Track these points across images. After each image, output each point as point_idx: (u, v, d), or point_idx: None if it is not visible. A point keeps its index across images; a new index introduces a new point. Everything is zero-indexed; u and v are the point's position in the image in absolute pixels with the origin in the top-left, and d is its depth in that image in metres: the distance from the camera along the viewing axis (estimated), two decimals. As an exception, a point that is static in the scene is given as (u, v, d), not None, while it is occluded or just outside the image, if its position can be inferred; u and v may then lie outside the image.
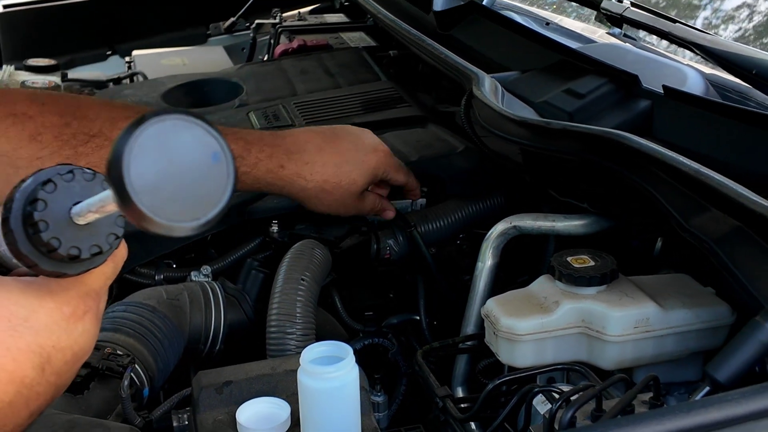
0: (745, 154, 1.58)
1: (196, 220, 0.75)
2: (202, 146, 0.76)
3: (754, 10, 1.88)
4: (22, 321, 0.95)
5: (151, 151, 0.73)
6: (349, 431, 1.20)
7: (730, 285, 1.38)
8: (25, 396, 0.96)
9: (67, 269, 0.93)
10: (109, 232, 0.92)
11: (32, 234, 0.89)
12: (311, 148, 1.75)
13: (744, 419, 1.03)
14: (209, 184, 0.76)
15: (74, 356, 0.99)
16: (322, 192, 1.76)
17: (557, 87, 1.93)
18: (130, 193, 0.71)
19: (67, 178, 0.90)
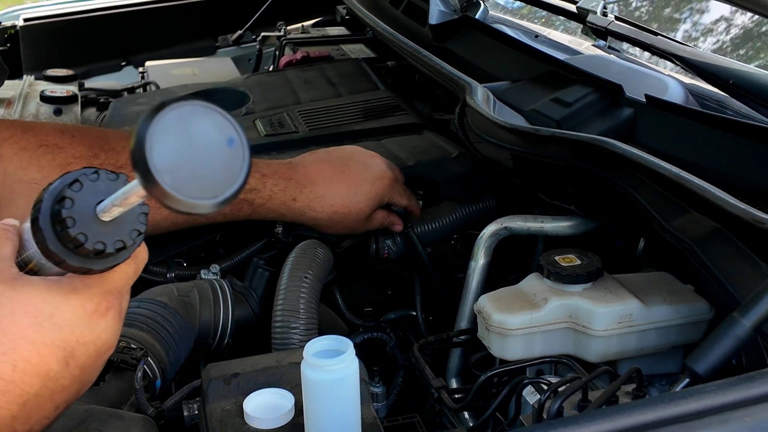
0: (722, 159, 1.58)
1: (215, 198, 0.76)
2: (219, 131, 0.77)
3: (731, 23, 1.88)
4: (47, 317, 0.95)
5: (172, 134, 0.74)
6: (349, 420, 1.20)
7: (708, 282, 1.39)
8: (51, 389, 0.96)
9: (93, 264, 0.94)
10: (132, 228, 0.93)
11: (60, 231, 0.90)
12: (322, 181, 1.76)
13: (721, 409, 1.03)
14: (226, 165, 0.77)
15: (97, 351, 1.00)
16: (331, 221, 1.77)
17: (546, 96, 1.93)
18: (153, 172, 0.72)
19: (93, 178, 0.91)
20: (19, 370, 0.93)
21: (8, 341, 0.93)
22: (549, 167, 1.71)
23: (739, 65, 1.80)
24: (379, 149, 2.05)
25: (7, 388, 0.92)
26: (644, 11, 2.30)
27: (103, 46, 3.42)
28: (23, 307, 0.95)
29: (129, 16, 3.48)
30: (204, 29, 3.55)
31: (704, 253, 1.39)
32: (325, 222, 1.77)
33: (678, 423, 1.02)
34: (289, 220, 1.77)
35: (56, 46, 3.32)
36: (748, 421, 1.02)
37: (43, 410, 0.97)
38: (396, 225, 1.88)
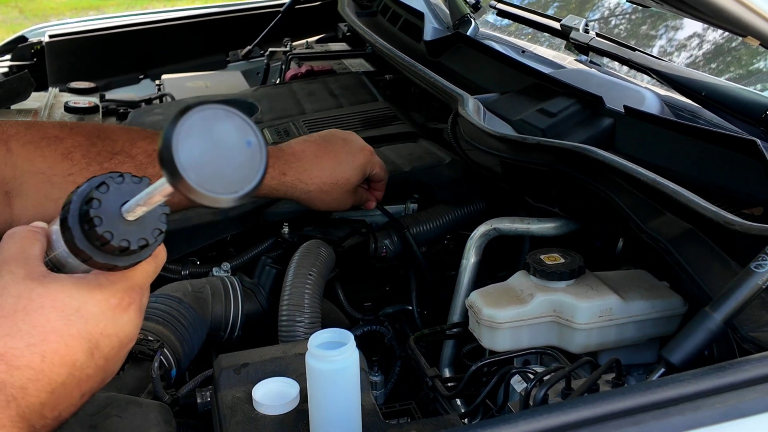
0: (695, 165, 1.58)
1: (235, 193, 0.77)
2: (238, 133, 0.78)
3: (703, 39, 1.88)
4: (73, 311, 0.95)
5: (196, 135, 0.75)
6: (350, 407, 1.20)
7: (682, 279, 1.39)
8: (77, 378, 0.96)
9: (117, 261, 0.94)
10: (154, 227, 0.93)
11: (88, 229, 0.91)
12: (308, 157, 1.76)
13: (695, 397, 1.03)
14: (245, 164, 0.78)
15: (120, 342, 1.00)
16: (321, 193, 1.76)
17: (532, 107, 1.93)
18: (179, 169, 0.73)
19: (118, 180, 0.92)
20: (47, 361, 0.93)
21: (38, 333, 0.93)
22: (535, 173, 1.71)
23: (711, 78, 1.80)
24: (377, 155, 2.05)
25: (37, 377, 0.93)
26: (623, 28, 2.30)
27: (122, 61, 3.42)
28: (51, 301, 0.95)
29: (146, 33, 3.48)
30: (216, 45, 3.55)
31: (678, 252, 1.39)
32: (315, 194, 1.76)
33: (654, 410, 1.02)
34: (281, 195, 1.76)
35: (79, 61, 3.32)
36: (720, 407, 1.03)
37: (70, 398, 0.97)
38: (370, 202, 1.89)
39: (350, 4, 3.19)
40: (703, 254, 1.37)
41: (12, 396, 0.91)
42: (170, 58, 3.48)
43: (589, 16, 2.34)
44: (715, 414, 1.02)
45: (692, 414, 1.02)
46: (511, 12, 2.55)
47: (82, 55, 3.34)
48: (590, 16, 2.39)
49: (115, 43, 3.42)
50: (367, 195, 1.88)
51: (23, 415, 0.91)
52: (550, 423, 1.00)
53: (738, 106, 1.65)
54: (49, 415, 0.95)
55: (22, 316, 0.94)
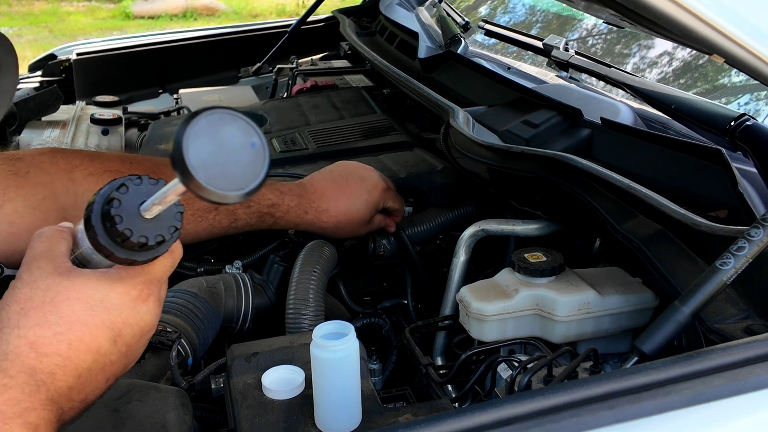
0: (666, 171, 1.58)
1: (241, 190, 0.78)
2: (243, 135, 0.79)
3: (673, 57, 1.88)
4: (97, 303, 0.96)
5: (204, 137, 0.76)
6: (351, 392, 1.20)
7: (653, 276, 1.39)
8: (101, 363, 0.97)
9: (137, 256, 0.95)
10: (170, 225, 0.94)
11: (109, 227, 0.92)
12: (327, 195, 1.77)
13: (665, 383, 1.03)
14: (250, 163, 0.79)
15: (140, 331, 1.00)
16: (337, 228, 1.78)
17: (516, 119, 1.93)
18: (189, 169, 0.74)
19: (136, 182, 0.92)
20: (74, 348, 0.94)
21: (64, 323, 0.94)
22: (520, 179, 1.71)
23: (680, 93, 1.80)
24: (376, 163, 2.05)
25: (64, 363, 0.93)
26: (599, 47, 2.30)
27: (143, 76, 3.43)
28: (77, 294, 0.95)
29: (165, 52, 3.48)
30: (228, 62, 3.55)
31: (650, 251, 1.39)
32: (331, 230, 1.78)
33: (628, 395, 1.02)
34: (302, 229, 1.78)
35: (104, 76, 3.32)
36: (688, 393, 1.03)
37: (95, 382, 0.97)
38: (390, 227, 1.88)
39: (351, 25, 3.19)
40: (673, 253, 1.37)
41: (42, 381, 0.91)
42: (187, 74, 3.48)
43: (569, 36, 2.34)
44: (683, 399, 1.02)
45: (663, 399, 1.02)
46: (498, 32, 2.55)
47: (106, 72, 3.34)
48: (570, 35, 2.39)
49: (137, 61, 3.42)
50: (387, 221, 1.88)
51: (52, 398, 0.92)
52: (533, 407, 1.00)
53: (705, 117, 1.65)
54: (77, 398, 0.96)
55: (50, 307, 0.94)
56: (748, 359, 1.06)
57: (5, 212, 1.36)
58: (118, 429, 1.15)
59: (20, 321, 0.94)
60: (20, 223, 1.37)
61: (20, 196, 1.39)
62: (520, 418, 0.99)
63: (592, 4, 1.41)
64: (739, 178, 1.43)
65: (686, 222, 1.34)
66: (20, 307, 0.95)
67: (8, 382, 0.89)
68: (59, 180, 1.45)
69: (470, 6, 3.05)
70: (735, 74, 1.87)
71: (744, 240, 1.17)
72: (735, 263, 1.16)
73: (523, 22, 2.74)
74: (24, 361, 0.91)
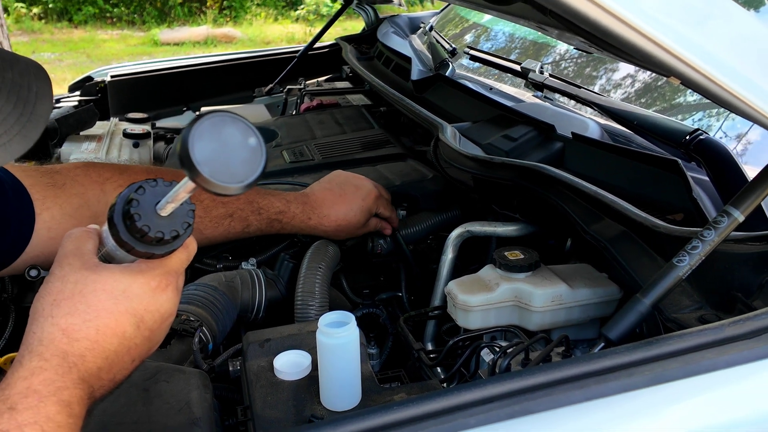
0: (629, 179, 1.58)
1: (242, 183, 0.79)
2: (242, 134, 0.80)
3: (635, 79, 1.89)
4: (121, 293, 0.96)
5: (208, 137, 0.77)
6: (352, 374, 1.20)
7: (618, 271, 1.39)
8: (126, 346, 0.97)
9: (155, 250, 0.96)
10: (183, 221, 0.95)
11: (129, 225, 0.93)
12: (327, 202, 1.78)
13: (628, 366, 1.03)
14: (249, 159, 0.80)
15: (161, 317, 1.00)
16: (337, 231, 1.79)
17: (497, 133, 1.93)
18: (195, 165, 0.75)
19: (152, 184, 0.93)
20: (101, 333, 0.95)
21: (92, 311, 0.95)
22: (500, 186, 1.71)
23: (641, 110, 1.80)
24: (373, 173, 2.05)
25: (93, 346, 0.94)
26: (571, 70, 2.30)
27: (169, 96, 3.42)
28: (102, 285, 0.96)
29: (188, 74, 3.48)
30: (244, 83, 3.55)
31: (615, 249, 1.39)
32: (332, 232, 1.78)
33: (596, 376, 1.02)
34: (306, 232, 1.79)
35: (135, 96, 3.32)
36: (648, 374, 1.03)
37: (122, 363, 0.98)
38: (386, 229, 1.88)
39: (352, 50, 3.20)
40: (635, 251, 1.37)
41: (73, 363, 0.92)
42: (208, 94, 3.48)
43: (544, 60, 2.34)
44: (644, 379, 1.02)
45: (626, 379, 1.02)
46: (481, 57, 2.55)
47: (137, 92, 3.34)
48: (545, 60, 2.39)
49: (164, 82, 3.42)
50: (383, 224, 1.88)
51: (83, 377, 0.92)
52: (512, 387, 1.00)
53: (663, 132, 1.65)
54: (105, 378, 0.96)
55: (79, 298, 0.95)
56: (701, 345, 1.06)
57: (44, 219, 1.36)
58: (147, 406, 1.15)
59: (53, 311, 0.95)
60: (57, 229, 1.37)
61: (57, 205, 1.39)
62: (500, 397, 0.99)
63: (564, 32, 1.41)
64: (694, 186, 1.43)
65: (647, 224, 1.34)
66: (53, 298, 0.96)
67: (43, 365, 0.90)
68: (92, 191, 1.45)
69: (457, 34, 3.05)
70: (690, 94, 1.88)
71: (698, 240, 1.17)
72: (690, 260, 1.16)
73: (504, 48, 2.74)
74: (57, 346, 0.92)
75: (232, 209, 1.65)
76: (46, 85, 1.03)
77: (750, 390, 1.06)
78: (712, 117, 1.77)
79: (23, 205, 1.35)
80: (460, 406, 0.98)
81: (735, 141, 1.66)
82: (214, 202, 1.62)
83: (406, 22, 3.46)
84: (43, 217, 1.36)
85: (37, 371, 0.89)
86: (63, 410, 0.87)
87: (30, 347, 0.92)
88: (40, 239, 1.35)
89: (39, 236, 1.35)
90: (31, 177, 1.39)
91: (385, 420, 0.96)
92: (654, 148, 1.72)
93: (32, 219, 1.35)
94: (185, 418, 1.13)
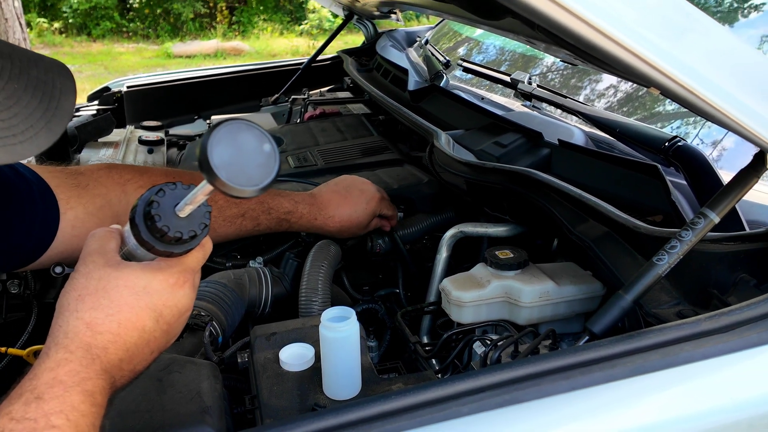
0: (612, 183, 1.58)
1: (257, 186, 0.79)
2: (257, 140, 0.80)
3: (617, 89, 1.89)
4: (141, 289, 0.97)
5: (225, 143, 0.78)
6: (353, 365, 1.20)
7: (601, 269, 1.39)
8: (146, 339, 0.97)
9: (174, 249, 0.96)
10: (200, 222, 0.95)
11: (150, 225, 0.93)
12: (333, 204, 1.78)
13: (611, 357, 1.03)
14: (264, 164, 0.80)
15: (179, 312, 1.00)
16: (341, 231, 1.79)
17: (489, 140, 1.93)
18: (214, 169, 0.76)
19: (172, 187, 0.93)
20: (123, 326, 0.95)
21: (114, 306, 0.95)
22: (491, 189, 1.71)
23: (623, 119, 1.80)
24: (373, 177, 2.05)
25: (115, 339, 0.94)
26: (557, 81, 2.30)
27: (181, 105, 3.42)
28: (124, 282, 0.96)
29: (199, 85, 3.48)
30: (251, 93, 3.55)
31: (599, 249, 1.39)
32: (336, 232, 1.78)
33: (581, 367, 1.02)
34: (313, 232, 1.79)
35: (149, 105, 3.32)
36: (629, 365, 1.03)
37: (141, 354, 0.98)
38: (385, 227, 1.89)
39: (353, 63, 3.20)
40: (618, 251, 1.37)
41: (96, 355, 0.92)
42: (217, 103, 3.48)
43: (532, 72, 2.34)
44: (625, 370, 1.02)
45: (609, 370, 1.02)
46: (473, 68, 2.55)
47: (151, 101, 3.34)
48: (533, 71, 2.39)
49: (176, 92, 3.42)
50: (382, 222, 1.88)
51: (106, 368, 0.92)
52: (503, 377, 1.00)
53: (643, 139, 1.65)
54: (126, 368, 0.96)
55: (102, 293, 0.95)
56: (680, 338, 1.06)
57: (68, 218, 1.36)
58: (161, 395, 1.15)
59: (78, 305, 0.95)
60: (81, 227, 1.37)
61: (81, 204, 1.39)
62: (492, 387, 0.99)
63: (551, 45, 1.41)
64: (672, 189, 1.43)
65: (628, 225, 1.34)
66: (78, 294, 0.96)
67: (68, 357, 0.90)
68: (114, 191, 1.45)
69: (450, 47, 3.05)
70: (668, 103, 1.88)
71: (676, 240, 1.17)
72: (669, 259, 1.16)
73: (494, 61, 2.74)
74: (82, 339, 0.92)
75: (244, 209, 1.65)
76: (70, 82, 1.04)
77: (725, 380, 1.06)
78: (690, 125, 1.77)
79: (49, 205, 1.35)
80: (454, 396, 0.98)
81: (711, 147, 1.67)
82: (227, 202, 1.62)
83: (403, 36, 3.46)
84: (67, 216, 1.36)
85: (62, 363, 0.89)
86: (87, 399, 0.87)
87: (56, 340, 0.92)
88: (64, 236, 1.35)
89: (63, 234, 1.35)
90: (57, 178, 1.39)
91: (383, 408, 0.96)
92: (635, 153, 1.72)
93: (57, 217, 1.35)
94: (196, 406, 1.13)
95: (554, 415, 0.99)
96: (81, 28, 15.28)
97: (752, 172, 1.16)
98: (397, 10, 3.07)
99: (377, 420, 0.95)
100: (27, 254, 1.33)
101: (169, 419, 1.10)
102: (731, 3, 2.05)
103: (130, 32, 15.44)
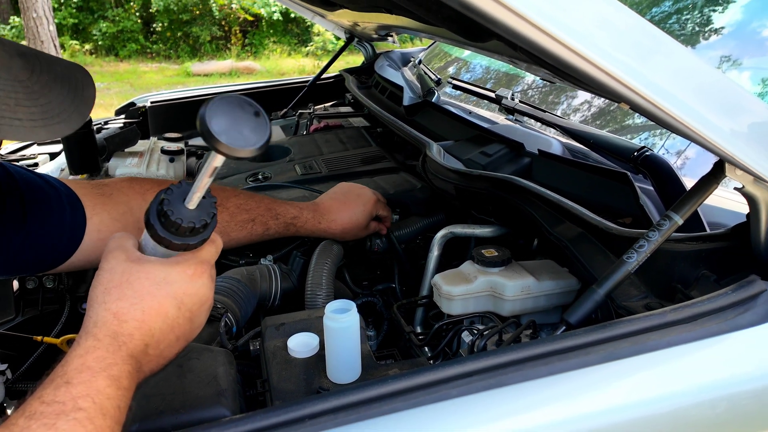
0: (586, 189, 1.59)
1: (254, 146, 0.81)
2: (248, 109, 0.82)
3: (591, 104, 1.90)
4: (162, 279, 0.97)
5: (220, 113, 0.79)
6: (353, 352, 1.20)
7: (577, 266, 1.39)
8: (169, 325, 0.97)
9: (189, 240, 0.96)
10: (209, 211, 0.95)
11: (164, 221, 0.93)
12: (334, 209, 1.78)
13: (585, 346, 1.03)
14: (257, 128, 0.82)
15: (200, 300, 1.00)
16: (343, 233, 1.78)
17: (475, 150, 1.93)
18: (215, 134, 0.78)
19: (178, 185, 0.94)
20: (146, 314, 0.95)
21: (138, 296, 0.95)
22: (478, 194, 1.71)
23: (596, 131, 1.81)
24: (371, 183, 2.05)
25: (140, 325, 0.94)
26: (537, 97, 2.31)
27: (199, 119, 3.42)
28: (146, 274, 0.96)
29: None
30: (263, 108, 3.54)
31: (575, 248, 1.39)
32: (339, 234, 1.77)
33: (558, 354, 1.02)
34: (317, 235, 1.78)
35: (171, 118, 3.32)
36: (602, 353, 1.03)
37: (166, 340, 0.97)
38: (382, 230, 1.88)
39: (353, 80, 3.20)
40: (591, 249, 1.37)
41: (122, 341, 0.92)
42: (232, 117, 3.48)
43: (515, 89, 2.34)
44: (598, 357, 1.02)
45: (584, 357, 1.02)
46: (462, 86, 2.55)
47: (172, 115, 3.34)
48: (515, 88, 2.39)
49: (195, 107, 3.40)
50: (380, 226, 1.88)
51: (132, 354, 0.92)
52: (488, 363, 1.00)
53: (615, 149, 1.65)
54: (153, 353, 0.96)
55: (126, 285, 0.95)
56: (647, 328, 1.06)
57: (94, 223, 1.37)
58: (181, 379, 1.15)
59: (105, 297, 0.95)
60: (106, 231, 1.37)
61: (105, 211, 1.39)
62: (478, 372, 0.99)
63: (532, 65, 1.41)
64: (641, 194, 1.43)
65: (601, 227, 1.34)
66: (104, 287, 0.96)
67: (96, 344, 0.90)
68: (135, 200, 1.45)
69: (441, 66, 3.05)
70: (637, 117, 1.88)
71: (644, 240, 1.17)
72: (637, 257, 1.16)
73: (481, 78, 2.74)
74: (109, 327, 0.92)
75: (254, 215, 1.65)
76: (87, 76, 1.05)
77: (688, 366, 1.06)
78: (656, 136, 1.77)
79: (77, 212, 1.35)
80: (444, 380, 0.98)
81: (675, 156, 1.67)
82: (238, 208, 1.61)
83: (399, 57, 3.46)
84: (93, 221, 1.36)
85: (90, 350, 0.89)
86: (112, 384, 0.87)
87: (86, 329, 0.92)
88: (91, 239, 1.36)
89: (90, 237, 1.35)
90: (84, 188, 1.40)
91: (381, 391, 0.96)
92: (607, 162, 1.72)
93: (84, 222, 1.35)
94: (213, 389, 1.13)
95: (535, 397, 0.99)
96: (109, 50, 15.27)
97: (712, 178, 1.16)
98: (393, 33, 3.08)
99: (376, 401, 0.95)
100: (58, 255, 1.34)
101: (189, 401, 1.10)
102: (693, 27, 2.05)
103: (153, 53, 15.44)
